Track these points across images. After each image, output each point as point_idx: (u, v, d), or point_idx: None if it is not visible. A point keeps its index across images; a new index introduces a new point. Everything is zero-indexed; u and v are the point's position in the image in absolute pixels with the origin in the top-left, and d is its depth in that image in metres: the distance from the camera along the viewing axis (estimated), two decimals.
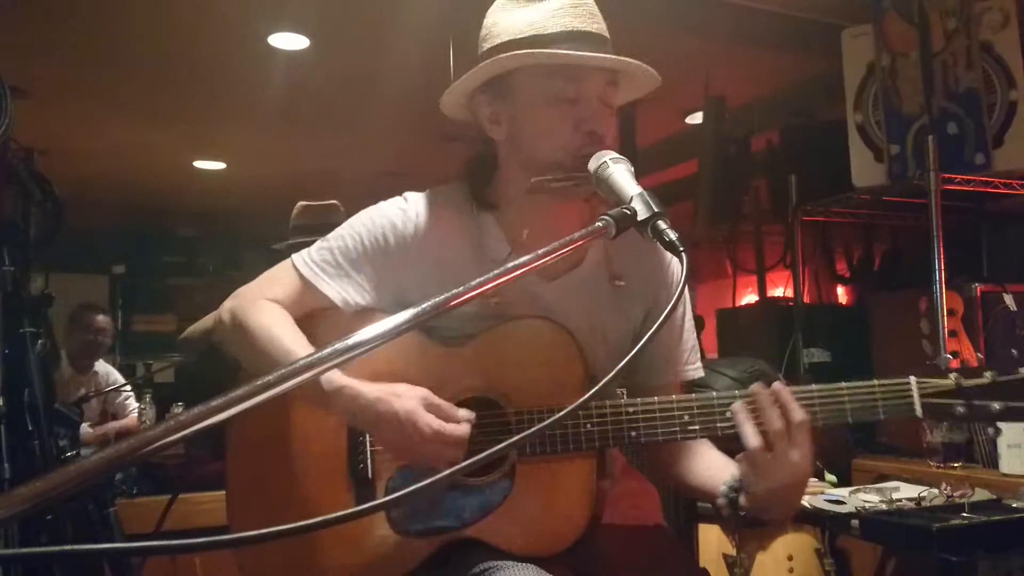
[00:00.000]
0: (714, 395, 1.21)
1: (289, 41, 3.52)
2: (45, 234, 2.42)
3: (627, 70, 1.27)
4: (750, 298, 4.63)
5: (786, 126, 3.72)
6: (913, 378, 1.21)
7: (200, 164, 5.57)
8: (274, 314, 1.30)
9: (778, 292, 4.19)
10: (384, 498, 1.21)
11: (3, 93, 2.14)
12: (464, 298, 0.80)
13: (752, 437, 1.15)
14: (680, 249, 0.99)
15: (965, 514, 1.92)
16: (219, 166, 5.64)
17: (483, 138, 1.36)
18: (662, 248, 1.03)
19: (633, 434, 1.22)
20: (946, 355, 2.68)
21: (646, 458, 1.40)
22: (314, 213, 2.99)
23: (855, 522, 2.00)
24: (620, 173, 1.11)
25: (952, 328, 2.81)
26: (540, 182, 1.22)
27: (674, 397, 1.23)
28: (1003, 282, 3.02)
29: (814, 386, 1.21)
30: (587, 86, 1.25)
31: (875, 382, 1.21)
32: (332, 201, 3.06)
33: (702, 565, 1.50)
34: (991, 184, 2.90)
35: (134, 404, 4.47)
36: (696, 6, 3.17)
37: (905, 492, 2.14)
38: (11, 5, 3.15)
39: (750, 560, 2.44)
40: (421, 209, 1.34)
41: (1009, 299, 2.94)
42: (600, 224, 0.99)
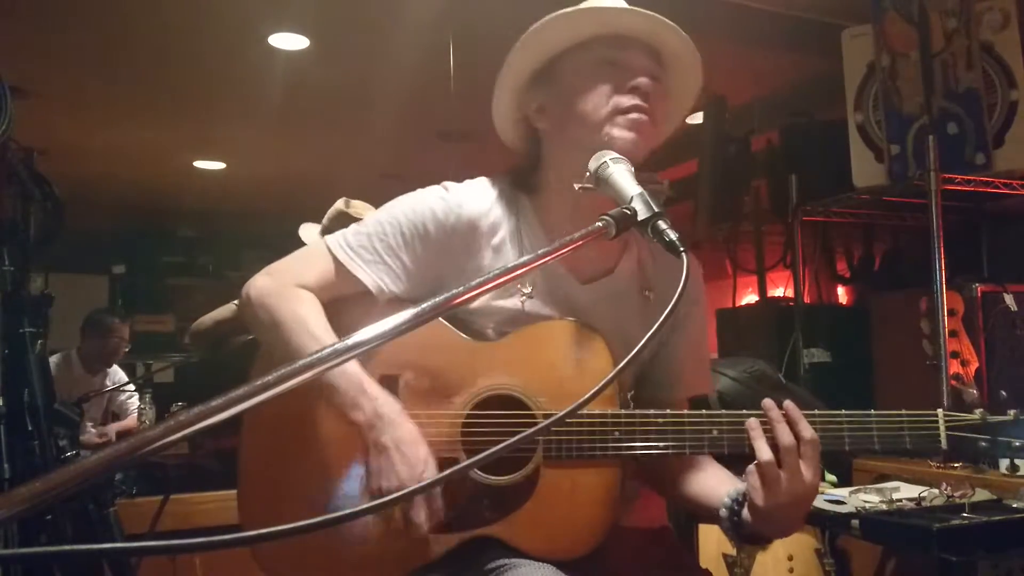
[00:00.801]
0: (744, 411, 1.22)
1: (289, 41, 3.52)
2: (45, 234, 2.41)
3: (669, 42, 1.28)
4: (750, 298, 4.63)
5: (786, 126, 3.72)
6: (940, 411, 1.24)
7: (200, 164, 5.57)
8: (306, 305, 1.27)
9: (778, 292, 4.19)
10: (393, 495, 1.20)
11: (3, 93, 2.13)
12: (464, 298, 0.80)
13: (764, 451, 1.15)
14: (680, 249, 0.99)
15: (965, 514, 1.92)
16: (219, 166, 5.64)
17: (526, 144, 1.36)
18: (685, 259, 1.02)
19: (661, 445, 1.22)
20: (972, 390, 2.68)
21: (647, 465, 1.40)
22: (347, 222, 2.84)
23: (855, 522, 2.00)
24: (620, 173, 1.11)
25: (952, 328, 2.81)
26: (583, 188, 1.19)
27: (704, 412, 1.23)
28: (1003, 282, 3.02)
29: (843, 411, 1.22)
30: (629, 54, 1.26)
31: (903, 412, 1.24)
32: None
33: (702, 565, 1.50)
34: (991, 184, 2.90)
35: (137, 403, 4.48)
36: (696, 6, 3.16)
37: (905, 492, 2.14)
38: (11, 5, 3.15)
39: (750, 560, 2.44)
40: (462, 199, 1.31)
41: (1009, 299, 2.94)
42: (600, 224, 0.99)
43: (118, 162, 5.37)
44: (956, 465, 2.67)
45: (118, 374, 4.61)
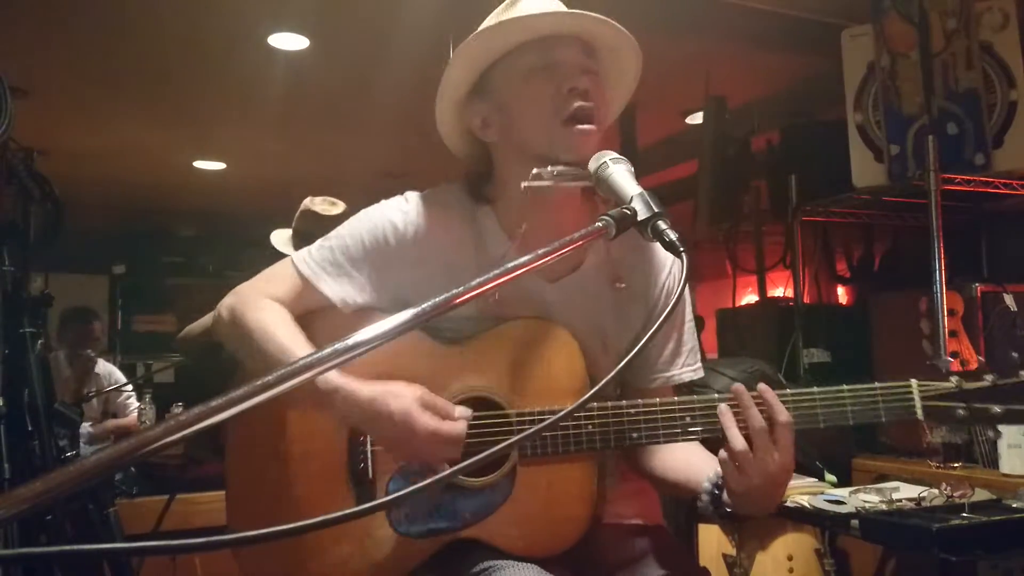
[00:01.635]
0: (716, 396, 1.22)
1: (289, 41, 3.52)
2: (45, 234, 2.41)
3: (599, 35, 1.27)
4: (750, 298, 4.63)
5: (786, 126, 3.72)
6: (914, 380, 1.22)
7: (200, 164, 5.57)
8: (273, 312, 1.30)
9: (778, 292, 4.18)
10: (384, 498, 1.21)
11: (3, 93, 2.13)
12: (464, 298, 0.80)
13: (736, 439, 1.16)
14: (680, 249, 0.99)
15: (965, 514, 1.91)
16: (219, 166, 5.64)
17: (477, 153, 1.36)
18: (663, 249, 1.03)
19: (635, 435, 1.22)
20: (946, 358, 2.68)
21: (630, 455, 1.40)
22: (317, 221, 2.77)
23: (855, 522, 2.00)
24: (620, 173, 1.11)
25: (952, 328, 2.81)
26: (536, 176, 1.21)
27: (675, 399, 1.23)
28: (1003, 282, 3.02)
29: (815, 388, 1.21)
30: (561, 53, 1.25)
31: (876, 384, 1.23)
32: (338, 212, 2.84)
33: (702, 564, 1.50)
34: (991, 184, 2.90)
35: (135, 404, 4.48)
36: (696, 6, 3.16)
37: (905, 492, 2.14)
38: (12, 5, 3.14)
39: (750, 560, 2.44)
40: (421, 209, 1.33)
41: (1009, 299, 2.94)
42: (600, 224, 0.99)
43: (118, 162, 5.37)
44: (956, 465, 2.67)
45: (115, 374, 4.61)
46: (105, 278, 7.18)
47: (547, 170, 1.21)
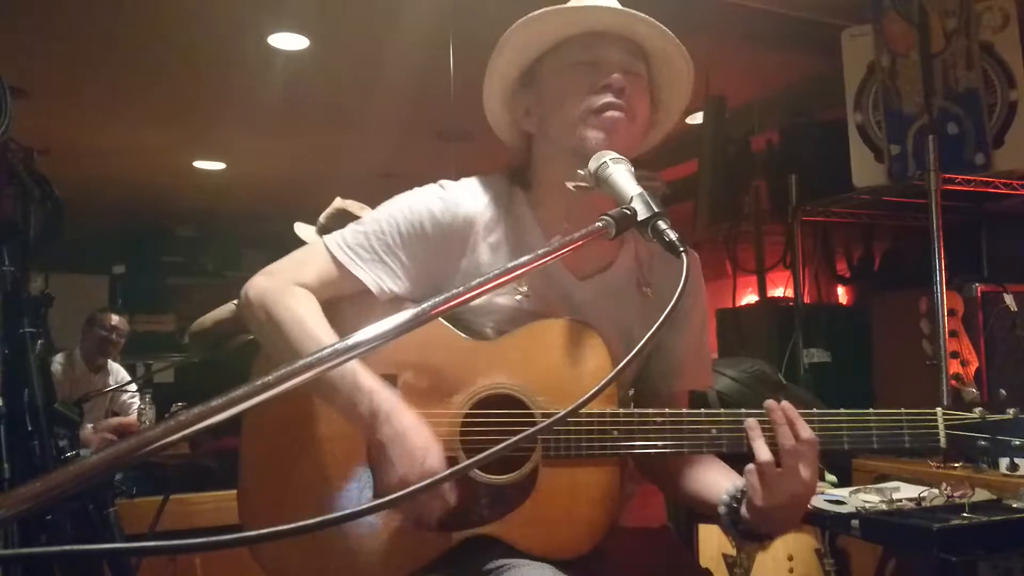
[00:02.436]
0: (743, 411, 1.22)
1: (289, 41, 3.52)
2: (45, 234, 2.41)
3: (645, 35, 1.27)
4: (750, 298, 4.63)
5: (786, 126, 3.72)
6: (939, 409, 1.24)
7: (200, 164, 5.57)
8: (306, 304, 1.27)
9: (778, 292, 4.18)
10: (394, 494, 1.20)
11: (3, 93, 2.13)
12: (465, 298, 0.80)
13: (763, 452, 1.16)
14: (680, 249, 0.99)
15: (965, 514, 1.91)
16: (219, 166, 5.65)
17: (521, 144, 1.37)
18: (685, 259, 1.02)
19: (660, 444, 1.22)
20: (971, 388, 2.69)
21: (647, 462, 1.40)
22: (350, 221, 2.79)
23: (855, 522, 2.00)
24: (620, 173, 1.11)
25: (952, 328, 2.81)
26: (581, 177, 1.19)
27: (703, 411, 1.23)
28: (1003, 282, 3.02)
29: (843, 410, 1.22)
30: (605, 50, 1.26)
31: (902, 411, 1.23)
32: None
33: (702, 565, 1.50)
34: (991, 184, 2.90)
35: (137, 403, 4.49)
36: (696, 6, 3.16)
37: (905, 492, 2.14)
38: (11, 5, 3.15)
39: (750, 560, 2.44)
40: (459, 198, 1.32)
41: (1009, 299, 2.94)
42: (600, 224, 0.99)
43: (118, 162, 5.37)
44: (956, 465, 2.67)
45: (120, 373, 4.62)
46: (105, 278, 7.18)
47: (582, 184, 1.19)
